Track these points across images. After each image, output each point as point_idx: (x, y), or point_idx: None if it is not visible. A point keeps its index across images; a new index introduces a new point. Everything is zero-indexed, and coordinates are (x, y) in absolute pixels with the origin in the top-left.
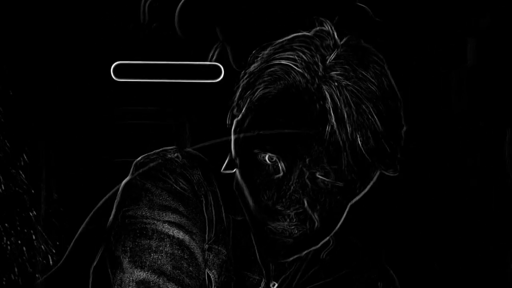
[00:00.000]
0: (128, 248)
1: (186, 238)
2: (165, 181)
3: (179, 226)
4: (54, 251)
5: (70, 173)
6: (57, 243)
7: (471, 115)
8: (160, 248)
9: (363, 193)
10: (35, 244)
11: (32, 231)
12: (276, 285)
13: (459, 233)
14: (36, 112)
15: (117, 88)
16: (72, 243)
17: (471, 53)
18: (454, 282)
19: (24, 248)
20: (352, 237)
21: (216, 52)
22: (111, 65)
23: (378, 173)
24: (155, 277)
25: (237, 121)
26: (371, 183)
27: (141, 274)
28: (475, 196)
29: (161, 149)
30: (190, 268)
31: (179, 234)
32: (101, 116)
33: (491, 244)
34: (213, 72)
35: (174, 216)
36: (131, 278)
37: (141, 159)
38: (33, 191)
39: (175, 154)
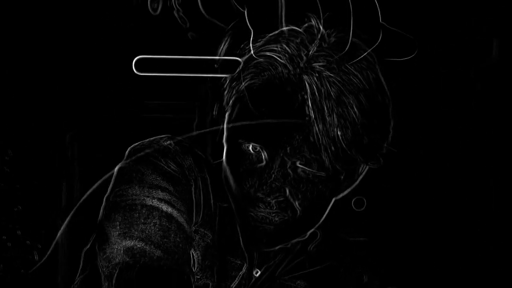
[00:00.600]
0: (117, 222)
1: (175, 212)
2: (156, 163)
3: (168, 202)
4: (40, 246)
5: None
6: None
7: (483, 114)
8: (148, 220)
9: (351, 187)
10: (21, 239)
11: (17, 226)
12: (259, 272)
13: (459, 233)
14: (36, 111)
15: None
16: (57, 236)
17: (496, 51)
18: (454, 282)
19: (9, 244)
20: (341, 233)
21: (226, 46)
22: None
23: (366, 168)
24: (143, 244)
25: (228, 114)
26: (360, 177)
27: (129, 243)
28: (475, 196)
29: (154, 137)
30: (178, 239)
31: (168, 209)
32: (122, 110)
33: (491, 244)
34: (233, 66)
35: (164, 194)
36: (119, 248)
37: (134, 145)
38: (18, 185)
39: (168, 142)
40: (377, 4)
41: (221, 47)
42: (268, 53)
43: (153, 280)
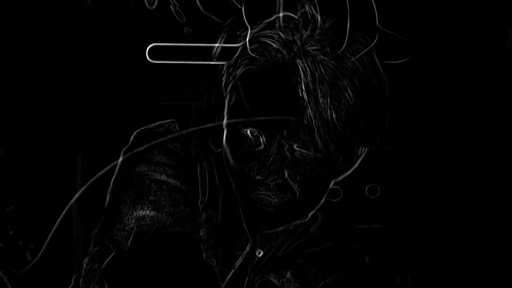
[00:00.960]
0: (127, 198)
1: (183, 187)
2: (163, 144)
3: (176, 177)
4: (32, 246)
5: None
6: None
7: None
8: (158, 193)
9: (351, 169)
10: (13, 239)
11: (9, 227)
12: (262, 253)
13: (459, 233)
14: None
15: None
16: (50, 234)
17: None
18: (453, 282)
19: (1, 244)
20: (348, 219)
21: (222, 42)
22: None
23: (365, 150)
24: (155, 213)
25: (227, 101)
26: (359, 160)
27: (141, 213)
28: (475, 196)
29: (159, 122)
30: (187, 209)
31: (177, 183)
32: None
33: (491, 244)
34: (231, 54)
35: (171, 171)
36: (131, 217)
37: (140, 129)
38: (10, 185)
39: (173, 125)
40: (374, 6)
41: (218, 43)
42: (263, 39)
43: (167, 244)
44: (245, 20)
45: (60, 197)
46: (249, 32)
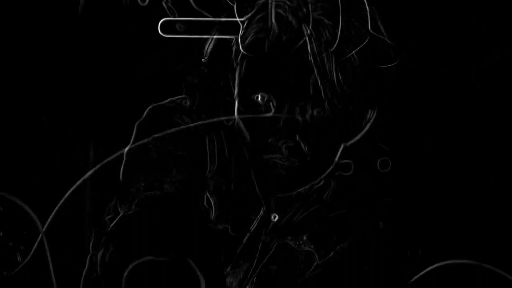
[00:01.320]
0: (138, 167)
1: (191, 157)
2: (172, 119)
3: (183, 148)
4: (22, 247)
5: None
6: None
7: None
8: (166, 161)
9: (361, 134)
10: (2, 241)
11: None
12: (277, 217)
13: (459, 233)
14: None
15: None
16: (45, 228)
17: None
18: (454, 281)
19: None
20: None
21: (214, 40)
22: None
23: (374, 114)
24: (163, 176)
25: (237, 72)
26: (369, 124)
27: (151, 177)
28: (475, 196)
29: (170, 99)
30: (194, 178)
31: (184, 153)
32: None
33: (491, 244)
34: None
35: (179, 142)
36: (140, 180)
37: (153, 105)
38: None
39: (184, 101)
40: (368, 10)
41: (209, 41)
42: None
43: (173, 208)
44: (237, 17)
45: (57, 197)
46: (241, 31)
